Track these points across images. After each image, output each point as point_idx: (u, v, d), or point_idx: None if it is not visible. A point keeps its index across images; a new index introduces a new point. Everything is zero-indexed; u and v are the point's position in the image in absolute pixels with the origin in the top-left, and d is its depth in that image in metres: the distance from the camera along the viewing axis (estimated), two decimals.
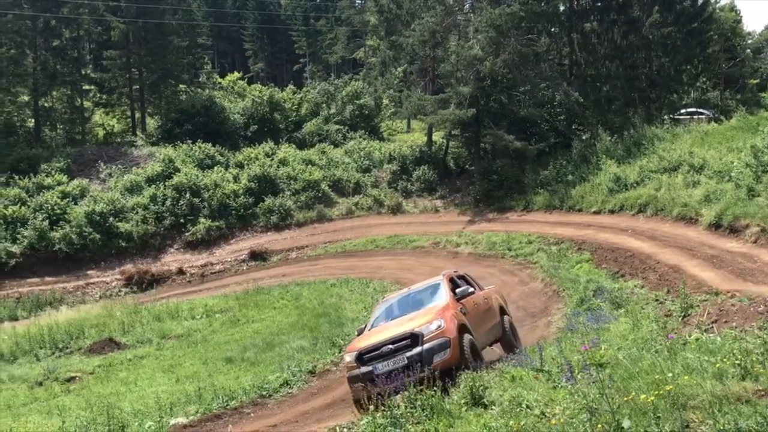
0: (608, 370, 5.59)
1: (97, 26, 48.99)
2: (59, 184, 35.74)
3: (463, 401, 7.11)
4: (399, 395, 8.56)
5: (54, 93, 46.01)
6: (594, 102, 36.15)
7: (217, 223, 34.55)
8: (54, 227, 32.76)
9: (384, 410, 6.63)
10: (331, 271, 27.79)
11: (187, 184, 35.54)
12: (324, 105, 49.07)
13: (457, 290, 12.04)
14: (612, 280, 17.71)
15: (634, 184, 25.58)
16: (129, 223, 33.84)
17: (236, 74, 60.07)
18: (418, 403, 6.89)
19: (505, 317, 13.74)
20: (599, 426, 4.49)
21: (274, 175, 37.36)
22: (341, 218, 35.59)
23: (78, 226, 32.62)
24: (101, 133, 47.10)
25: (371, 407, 9.48)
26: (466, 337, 10.70)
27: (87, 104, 48.48)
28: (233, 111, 46.46)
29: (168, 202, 34.87)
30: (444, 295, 11.87)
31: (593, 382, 5.10)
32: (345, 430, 6.76)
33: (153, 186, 35.93)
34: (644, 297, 14.88)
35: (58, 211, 33.54)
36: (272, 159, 39.42)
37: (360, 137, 44.22)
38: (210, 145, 40.09)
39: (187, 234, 34.26)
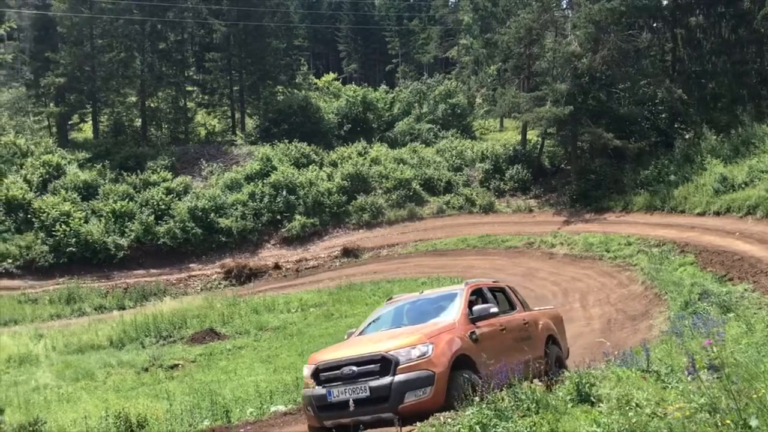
0: (728, 370, 5.34)
1: (200, 29, 50.91)
2: (164, 180, 37.42)
3: (568, 397, 6.98)
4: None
5: (160, 94, 48.15)
6: (698, 99, 34.63)
7: (311, 220, 35.31)
8: (159, 222, 34.34)
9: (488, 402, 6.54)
10: (421, 269, 27.83)
11: (284, 182, 36.48)
12: (416, 104, 49.20)
13: (474, 308, 9.13)
14: (719, 284, 16.96)
15: (743, 185, 24.39)
16: (229, 218, 35.06)
17: (331, 75, 61.05)
18: (523, 396, 6.83)
19: (554, 348, 10.61)
20: (726, 422, 4.32)
21: (366, 174, 37.85)
22: (432, 217, 35.60)
23: (181, 221, 34.09)
24: (203, 132, 49.00)
25: None
26: (462, 374, 8.03)
27: (190, 105, 50.49)
28: (328, 111, 47.31)
29: (265, 199, 35.91)
30: (454, 312, 9.08)
31: (717, 378, 4.90)
32: (449, 420, 6.74)
33: (251, 183, 37.09)
34: (756, 301, 14.17)
35: (163, 206, 35.11)
36: (365, 158, 39.93)
37: (452, 136, 44.05)
38: (305, 144, 41.02)
39: (283, 230, 35.18)
